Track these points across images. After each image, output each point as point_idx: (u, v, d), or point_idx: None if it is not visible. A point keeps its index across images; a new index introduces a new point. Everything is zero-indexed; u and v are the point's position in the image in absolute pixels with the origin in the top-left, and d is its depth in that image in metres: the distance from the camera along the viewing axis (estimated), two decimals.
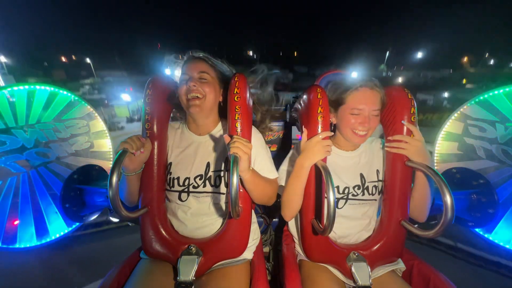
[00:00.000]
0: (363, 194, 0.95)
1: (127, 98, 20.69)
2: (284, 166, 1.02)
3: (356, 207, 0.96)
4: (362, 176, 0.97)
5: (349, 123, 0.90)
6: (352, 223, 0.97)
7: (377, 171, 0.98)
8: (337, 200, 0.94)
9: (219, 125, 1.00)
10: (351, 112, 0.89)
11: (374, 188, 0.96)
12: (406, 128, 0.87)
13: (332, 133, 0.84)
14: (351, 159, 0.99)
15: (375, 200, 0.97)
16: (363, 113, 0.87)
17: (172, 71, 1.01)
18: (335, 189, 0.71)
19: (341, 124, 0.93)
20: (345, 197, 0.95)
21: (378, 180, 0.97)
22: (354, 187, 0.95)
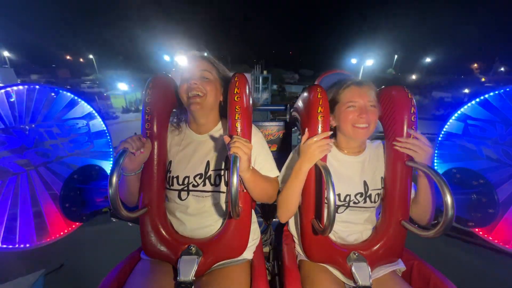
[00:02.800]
0: (365, 202, 0.94)
1: (124, 87, 20.08)
2: (285, 169, 1.02)
3: (356, 213, 0.95)
4: (365, 183, 0.95)
5: (347, 118, 0.90)
6: (352, 228, 0.96)
7: (382, 178, 0.96)
8: (337, 207, 0.94)
9: (219, 124, 1.00)
10: (347, 106, 0.90)
11: (377, 196, 0.95)
12: (407, 131, 0.86)
13: (331, 132, 0.83)
14: (355, 165, 0.97)
15: (375, 206, 0.96)
16: (359, 105, 0.89)
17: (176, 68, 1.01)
18: (336, 197, 0.71)
19: (340, 122, 0.92)
20: (346, 204, 0.94)
21: (382, 188, 0.96)
22: (356, 195, 0.94)
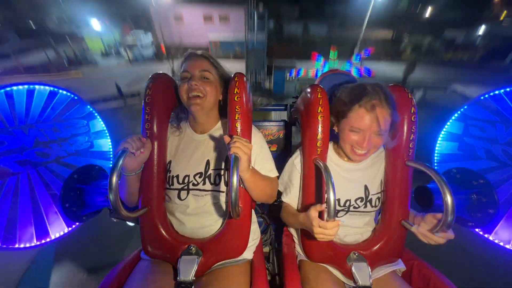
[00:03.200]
0: (365, 207, 0.93)
1: (97, 27, 17.84)
2: (285, 176, 1.02)
3: (356, 217, 0.95)
4: (366, 188, 0.93)
5: (348, 139, 0.85)
6: (352, 231, 0.96)
7: (381, 181, 0.95)
8: (337, 211, 0.93)
9: (219, 124, 1.00)
10: (350, 129, 0.83)
11: (377, 200, 0.94)
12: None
13: (324, 207, 0.72)
14: (355, 172, 0.95)
15: (376, 210, 0.96)
16: (363, 133, 0.81)
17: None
18: (335, 202, 0.68)
19: (341, 137, 0.88)
20: (346, 209, 0.93)
21: (382, 191, 0.95)
22: (356, 200, 0.93)
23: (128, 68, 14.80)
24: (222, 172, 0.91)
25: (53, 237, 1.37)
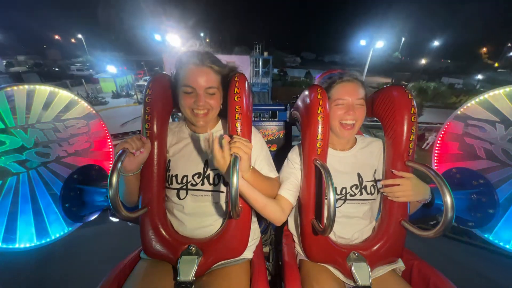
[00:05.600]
0: (361, 194, 0.95)
1: (113, 70, 18.93)
2: (283, 180, 0.99)
3: (355, 206, 0.95)
4: (359, 175, 0.97)
5: (335, 115, 0.93)
6: (352, 221, 0.96)
7: (375, 171, 0.98)
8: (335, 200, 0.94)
9: (219, 124, 1.00)
10: (336, 103, 0.93)
11: (372, 187, 0.96)
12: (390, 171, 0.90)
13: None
14: (347, 159, 1.00)
15: (375, 199, 0.97)
16: (347, 102, 0.92)
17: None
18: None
19: (330, 119, 0.93)
20: (343, 197, 0.95)
21: (375, 180, 0.97)
22: (351, 187, 0.95)
23: (135, 107, 15.83)
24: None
25: (53, 237, 1.37)
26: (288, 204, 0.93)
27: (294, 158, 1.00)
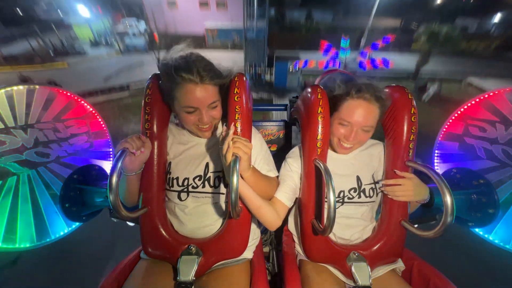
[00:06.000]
0: (359, 197, 0.94)
1: (85, 14, 15.80)
2: (281, 182, 0.97)
3: (353, 207, 0.95)
4: (358, 178, 0.96)
5: (337, 132, 0.89)
6: (351, 222, 0.96)
7: (373, 173, 0.97)
8: None
9: (219, 126, 1.00)
10: (339, 122, 0.88)
11: (371, 190, 0.95)
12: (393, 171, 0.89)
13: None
14: (345, 162, 0.98)
15: (374, 201, 0.96)
16: (351, 126, 0.86)
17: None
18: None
19: (330, 130, 0.90)
20: (341, 200, 0.94)
21: (374, 183, 0.96)
22: (349, 190, 0.94)
23: (118, 58, 13.65)
24: (222, 174, 0.91)
25: (53, 237, 1.37)
26: (283, 207, 0.92)
27: (291, 160, 0.98)
